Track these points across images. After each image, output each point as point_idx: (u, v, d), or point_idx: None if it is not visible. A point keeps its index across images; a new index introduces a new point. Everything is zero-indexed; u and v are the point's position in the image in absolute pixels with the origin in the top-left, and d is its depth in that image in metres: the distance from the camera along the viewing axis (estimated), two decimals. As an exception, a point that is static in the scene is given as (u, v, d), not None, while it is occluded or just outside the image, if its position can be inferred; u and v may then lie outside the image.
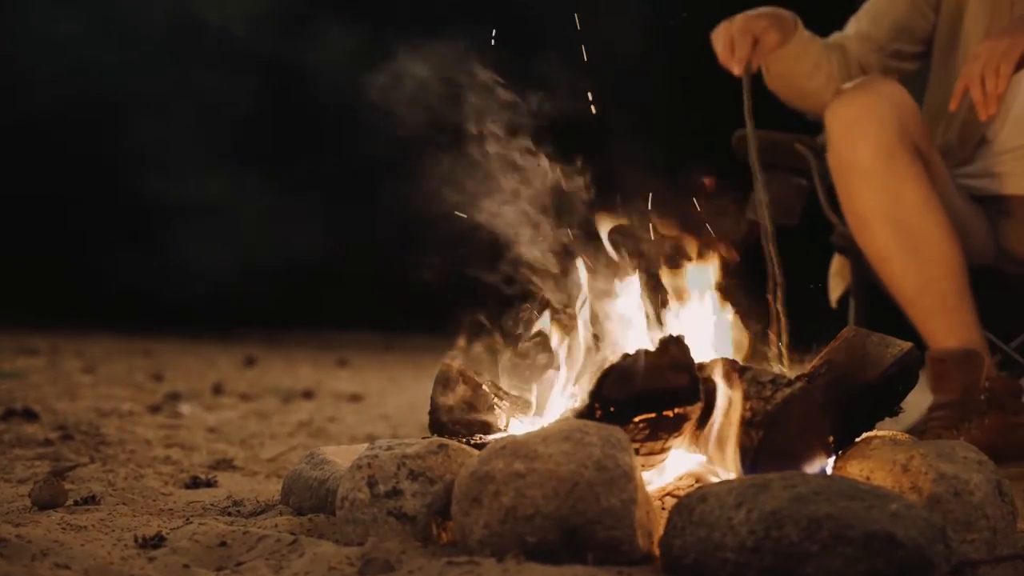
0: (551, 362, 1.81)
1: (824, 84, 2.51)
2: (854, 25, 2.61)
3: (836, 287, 2.61)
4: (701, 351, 1.69)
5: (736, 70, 2.34)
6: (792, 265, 2.15)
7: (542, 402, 1.79)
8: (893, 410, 1.67)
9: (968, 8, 2.47)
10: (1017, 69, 2.11)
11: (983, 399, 2.23)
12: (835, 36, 2.61)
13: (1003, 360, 2.52)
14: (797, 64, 2.49)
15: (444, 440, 1.56)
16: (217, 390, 4.74)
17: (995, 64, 2.09)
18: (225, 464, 2.49)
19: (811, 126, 2.63)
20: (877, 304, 2.40)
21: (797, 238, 2.69)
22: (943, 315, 2.24)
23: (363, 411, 4.27)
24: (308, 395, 4.79)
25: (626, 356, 1.50)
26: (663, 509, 1.53)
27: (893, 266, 2.27)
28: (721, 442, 1.54)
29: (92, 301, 9.16)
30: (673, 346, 1.52)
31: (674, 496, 1.57)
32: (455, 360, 1.88)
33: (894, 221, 2.24)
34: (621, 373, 1.50)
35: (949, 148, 2.49)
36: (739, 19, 2.40)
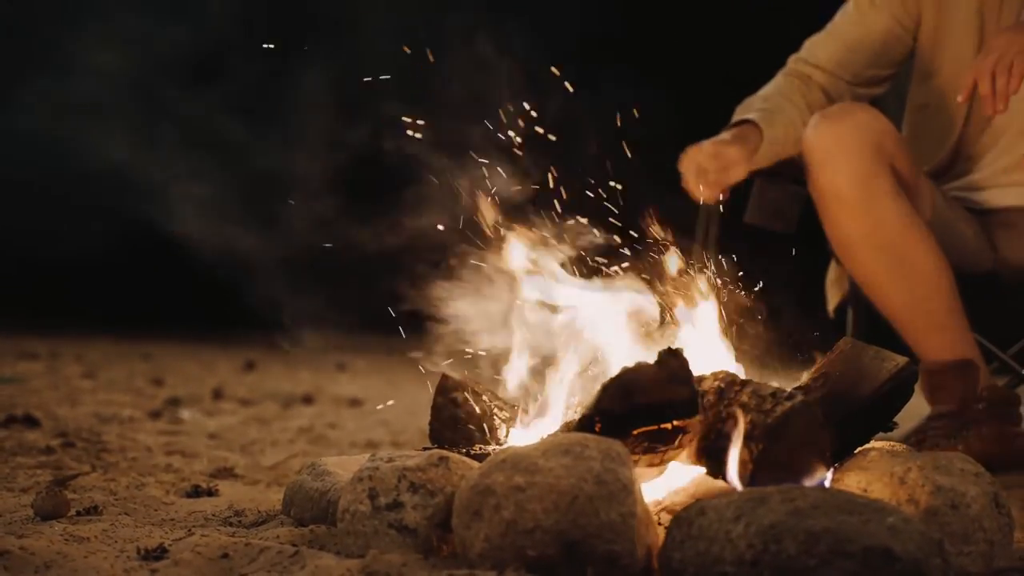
0: (551, 373, 1.81)
1: (796, 146, 2.47)
2: (824, 52, 2.56)
3: (833, 296, 2.62)
4: (700, 363, 1.70)
5: (705, 197, 2.31)
6: (789, 273, 2.17)
7: (542, 413, 1.80)
8: (887, 425, 1.68)
9: (951, 29, 2.46)
10: None
11: (981, 408, 2.24)
12: (798, 65, 2.58)
13: (1000, 367, 2.52)
14: (769, 153, 2.47)
15: (444, 452, 1.57)
16: (217, 395, 4.75)
17: (1009, 61, 2.04)
18: (226, 472, 2.50)
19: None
20: (875, 313, 2.41)
21: (794, 245, 2.70)
22: (935, 333, 2.26)
23: (363, 416, 4.28)
24: (308, 400, 4.80)
25: (625, 369, 1.51)
26: (660, 524, 1.54)
27: (881, 289, 2.28)
28: (720, 455, 1.55)
29: (91, 305, 9.17)
30: (672, 359, 1.53)
31: (670, 511, 1.58)
32: (455, 369, 1.89)
33: (878, 246, 2.25)
34: (620, 386, 1.51)
35: (940, 168, 2.50)
36: (708, 146, 2.36)
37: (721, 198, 2.36)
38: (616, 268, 1.87)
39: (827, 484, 1.59)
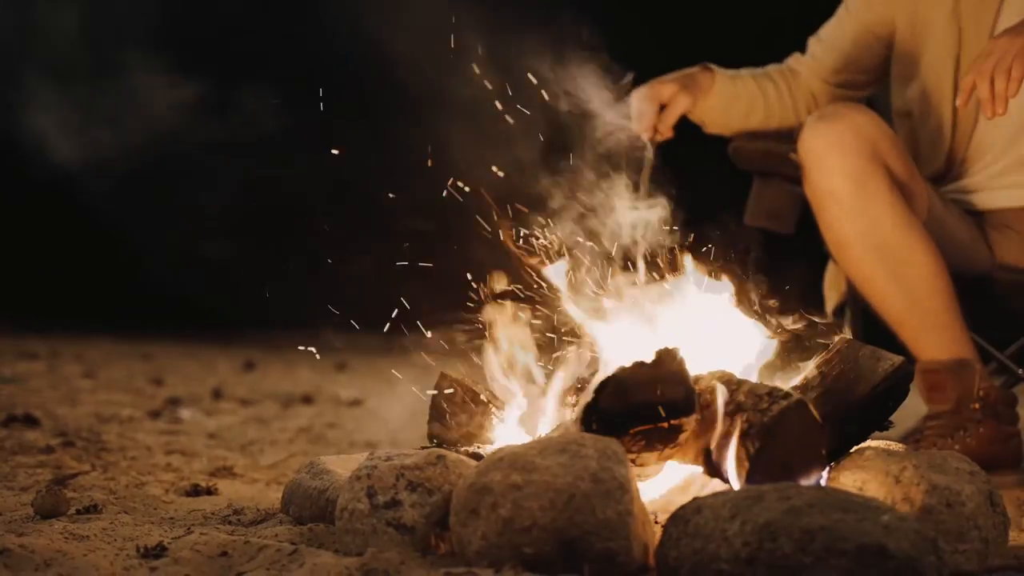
0: (549, 372, 1.82)
1: (764, 119, 2.60)
2: (812, 48, 2.66)
3: (831, 297, 2.63)
4: (698, 361, 1.70)
5: (644, 136, 2.41)
6: (787, 274, 2.17)
7: (539, 413, 1.81)
8: (883, 424, 1.68)
9: (927, 36, 2.46)
10: None
11: (977, 408, 2.25)
12: (791, 60, 2.67)
13: (997, 368, 2.53)
14: (729, 112, 2.58)
15: (442, 451, 1.58)
16: (217, 395, 4.76)
17: (1008, 63, 2.03)
18: (225, 471, 2.50)
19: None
20: (872, 313, 2.41)
21: (792, 247, 2.71)
22: (932, 333, 2.26)
23: (362, 416, 4.29)
24: (307, 400, 4.81)
25: (622, 368, 1.52)
26: (656, 522, 1.55)
27: (878, 289, 2.29)
28: (717, 453, 1.56)
29: (91, 304, 9.18)
30: (668, 358, 1.54)
31: (666, 510, 1.59)
32: (454, 369, 1.90)
33: (874, 246, 2.25)
34: (617, 385, 1.52)
35: (937, 175, 2.50)
36: (646, 86, 2.48)
37: (653, 138, 2.43)
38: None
39: (823, 483, 1.60)
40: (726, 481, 1.56)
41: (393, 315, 2.04)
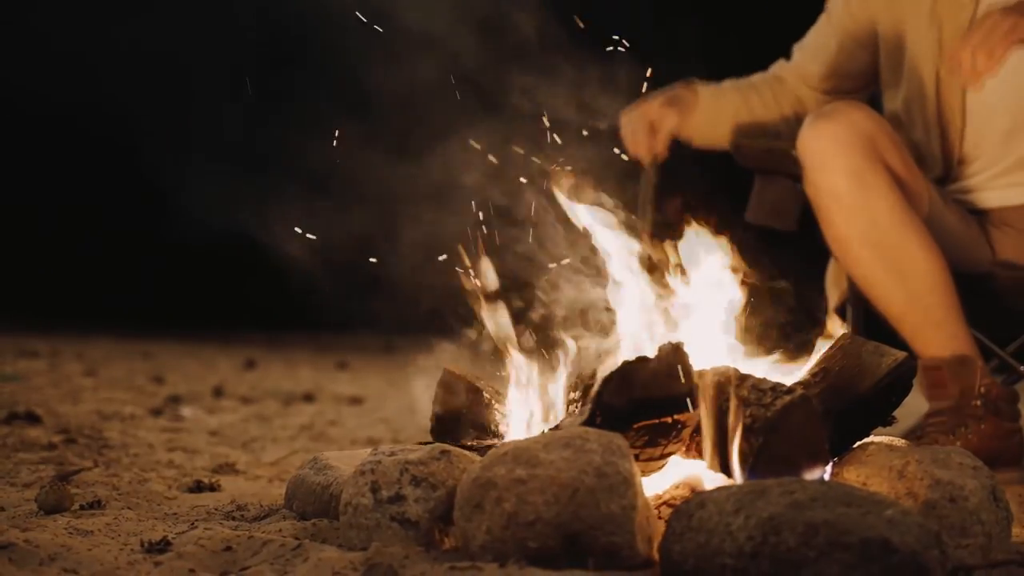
0: (552, 368, 1.82)
1: (749, 129, 2.62)
2: (796, 56, 2.68)
3: (833, 295, 2.63)
4: (701, 356, 1.70)
5: (644, 160, 2.47)
6: (789, 272, 2.17)
7: (543, 408, 1.81)
8: (886, 420, 1.69)
9: (909, 41, 2.46)
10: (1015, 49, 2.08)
11: (979, 404, 2.25)
12: (775, 66, 2.70)
13: (1000, 365, 2.53)
14: (715, 127, 2.61)
15: (446, 446, 1.58)
16: (218, 393, 4.76)
17: (992, 42, 2.06)
18: (228, 468, 2.51)
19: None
20: (874, 311, 2.41)
21: (794, 244, 2.71)
22: (932, 329, 2.26)
23: (363, 414, 4.29)
24: (308, 398, 4.81)
25: (626, 363, 1.52)
26: (660, 517, 1.55)
27: (878, 287, 2.29)
28: (720, 448, 1.56)
29: (91, 303, 9.19)
30: (672, 353, 1.54)
31: (670, 505, 1.59)
32: (456, 365, 1.90)
33: (873, 243, 2.26)
34: (621, 380, 1.52)
35: (938, 179, 2.51)
36: (633, 109, 2.52)
37: (654, 160, 2.49)
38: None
39: (826, 477, 1.60)
40: (730, 476, 1.56)
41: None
